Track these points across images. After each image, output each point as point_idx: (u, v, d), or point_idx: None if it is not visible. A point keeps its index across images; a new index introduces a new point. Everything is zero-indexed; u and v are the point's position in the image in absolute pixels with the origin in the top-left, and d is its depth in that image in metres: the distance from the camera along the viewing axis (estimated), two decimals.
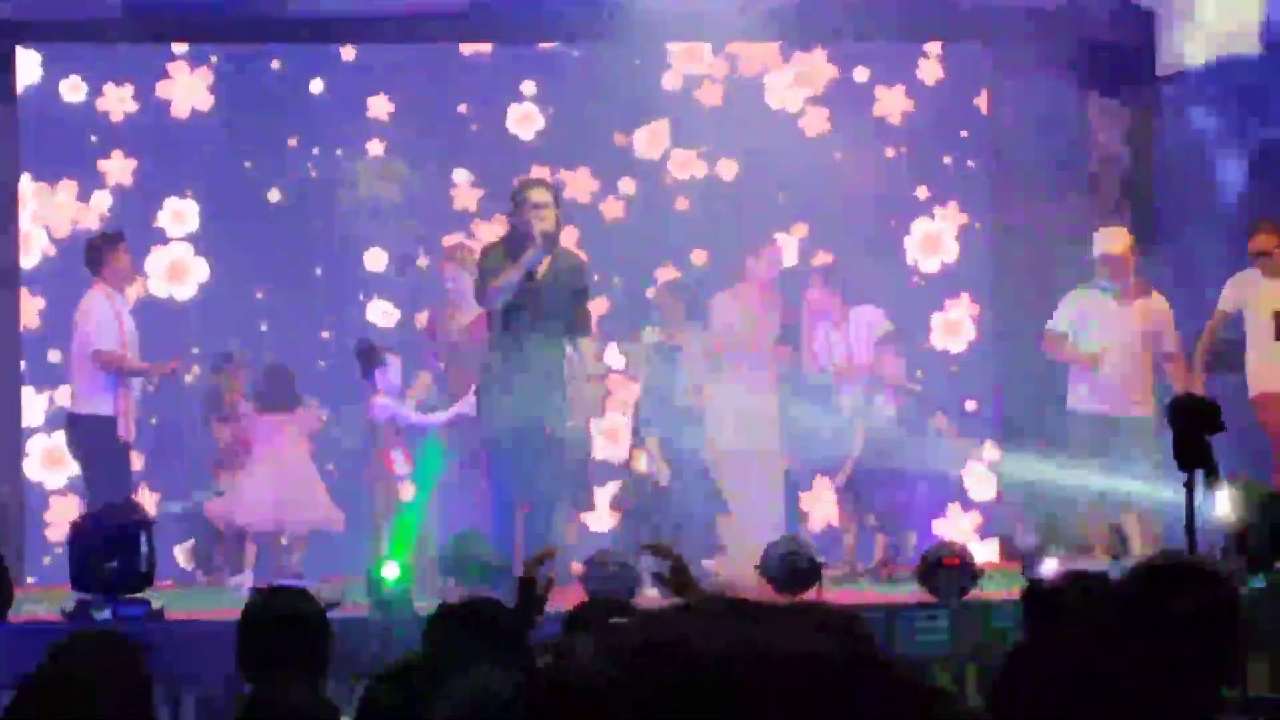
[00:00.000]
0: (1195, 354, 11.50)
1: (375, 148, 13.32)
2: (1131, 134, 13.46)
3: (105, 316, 11.23)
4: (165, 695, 8.40)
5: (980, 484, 13.47)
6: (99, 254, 11.42)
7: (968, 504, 13.40)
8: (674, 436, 11.44)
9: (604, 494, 12.18)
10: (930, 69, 13.80)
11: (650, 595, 10.20)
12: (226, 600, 10.52)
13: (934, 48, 13.76)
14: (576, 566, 10.33)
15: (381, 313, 13.29)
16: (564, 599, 10.33)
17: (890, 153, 13.67)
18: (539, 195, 10.36)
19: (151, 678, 4.82)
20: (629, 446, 11.97)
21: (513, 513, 10.38)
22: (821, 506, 12.96)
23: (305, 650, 5.09)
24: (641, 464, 11.58)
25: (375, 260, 13.35)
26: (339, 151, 13.35)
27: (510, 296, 10.19)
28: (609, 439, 12.69)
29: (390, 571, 9.51)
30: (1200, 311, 11.68)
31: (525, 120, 13.50)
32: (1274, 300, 11.35)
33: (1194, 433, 7.42)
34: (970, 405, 13.47)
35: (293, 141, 13.31)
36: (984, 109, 13.79)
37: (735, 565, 11.05)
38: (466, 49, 13.46)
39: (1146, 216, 13.11)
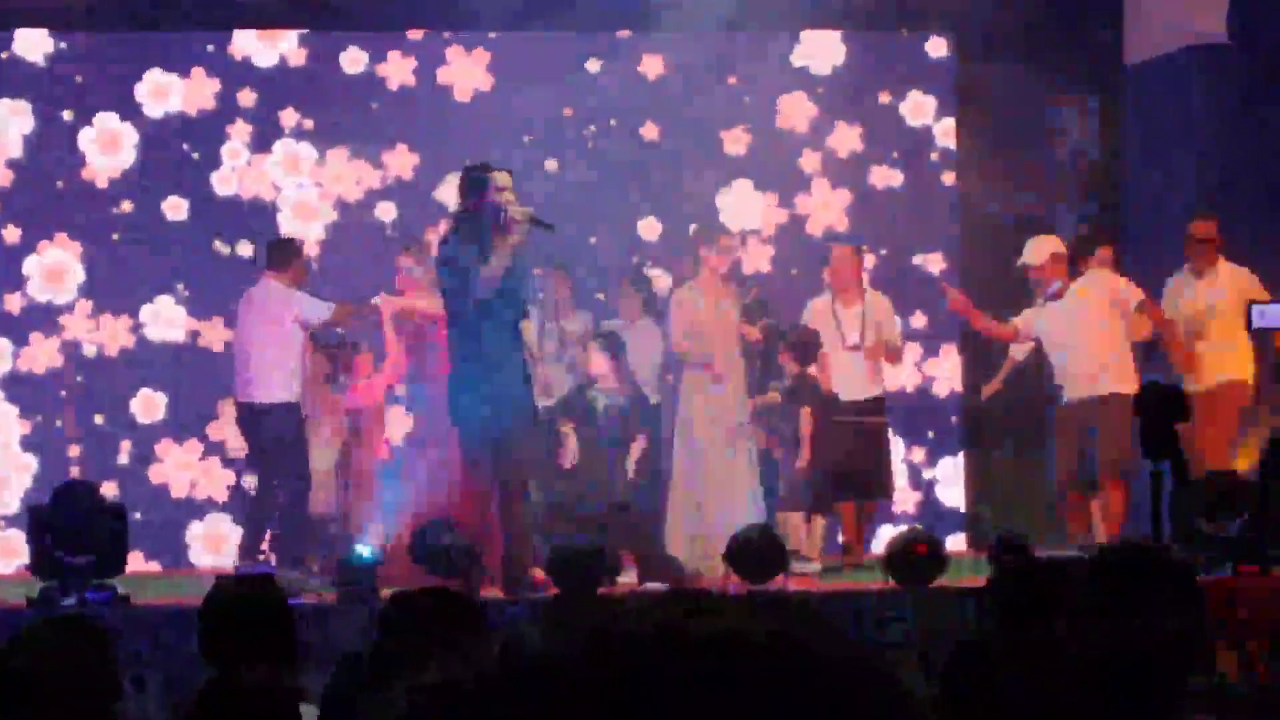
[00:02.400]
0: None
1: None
2: (1098, 124, 13.49)
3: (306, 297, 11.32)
4: (132, 681, 8.23)
5: (949, 475, 13.65)
6: (288, 254, 11.45)
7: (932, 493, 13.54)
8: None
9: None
10: (898, 55, 13.89)
11: (625, 581, 10.32)
12: (193, 587, 10.41)
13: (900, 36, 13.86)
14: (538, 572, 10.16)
15: None
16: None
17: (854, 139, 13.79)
18: (503, 179, 10.17)
19: (117, 664, 4.82)
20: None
21: (487, 499, 10.26)
22: None
23: (268, 636, 5.11)
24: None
25: None
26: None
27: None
28: None
29: (362, 555, 9.58)
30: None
31: None
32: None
33: (1163, 422, 7.67)
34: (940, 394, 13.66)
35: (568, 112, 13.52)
36: (951, 98, 13.84)
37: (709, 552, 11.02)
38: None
39: (1113, 206, 13.10)
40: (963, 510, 13.73)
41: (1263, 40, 12.33)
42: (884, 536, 11.87)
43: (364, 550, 9.66)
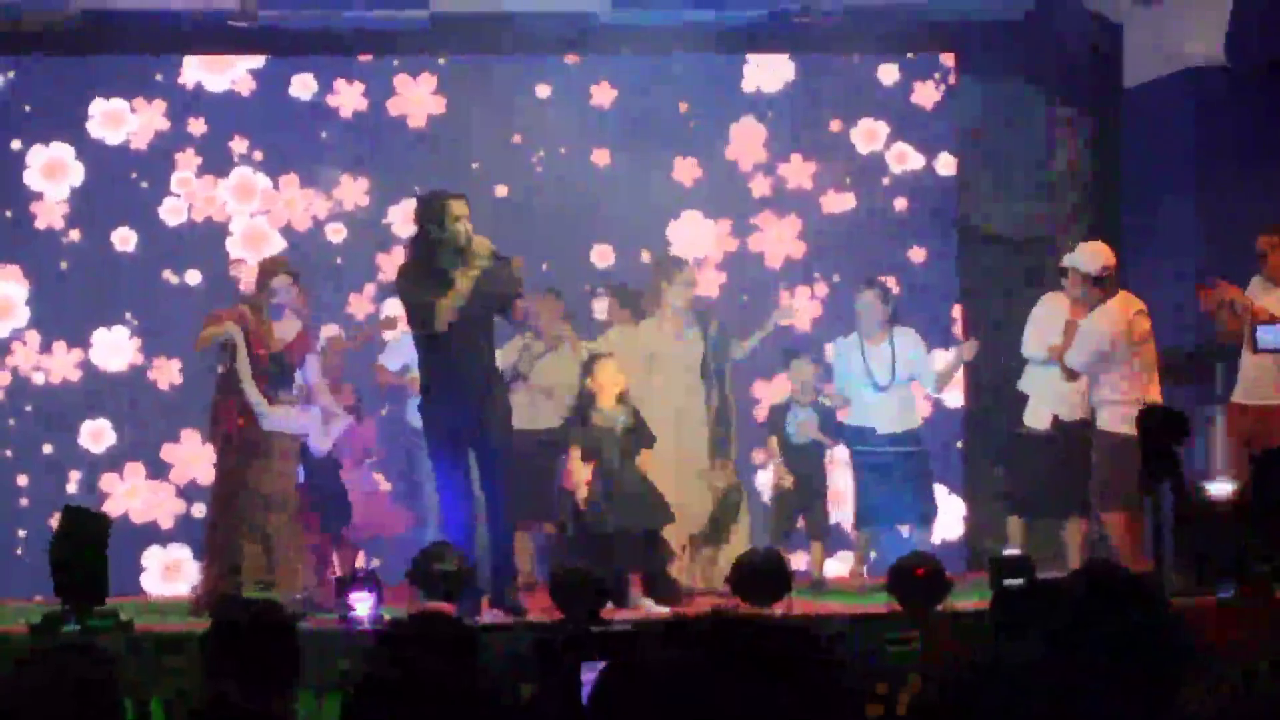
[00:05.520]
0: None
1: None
2: (1096, 143, 13.52)
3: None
4: (134, 707, 8.37)
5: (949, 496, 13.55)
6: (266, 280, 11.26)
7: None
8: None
9: None
10: (894, 77, 13.89)
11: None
12: (152, 615, 10.58)
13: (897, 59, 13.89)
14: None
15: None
16: (531, 602, 10.47)
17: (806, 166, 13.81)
18: (459, 207, 10.13)
19: (119, 689, 4.77)
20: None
21: (471, 527, 10.33)
22: None
23: (271, 660, 5.14)
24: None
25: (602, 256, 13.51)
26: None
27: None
28: None
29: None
30: (1167, 322, 11.55)
31: None
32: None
33: (1163, 444, 7.67)
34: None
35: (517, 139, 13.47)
36: (949, 117, 13.86)
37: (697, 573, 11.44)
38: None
39: (1112, 225, 13.06)
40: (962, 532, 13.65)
41: (1260, 62, 12.35)
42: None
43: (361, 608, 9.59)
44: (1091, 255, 10.98)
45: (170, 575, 13.08)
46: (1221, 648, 7.85)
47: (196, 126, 13.38)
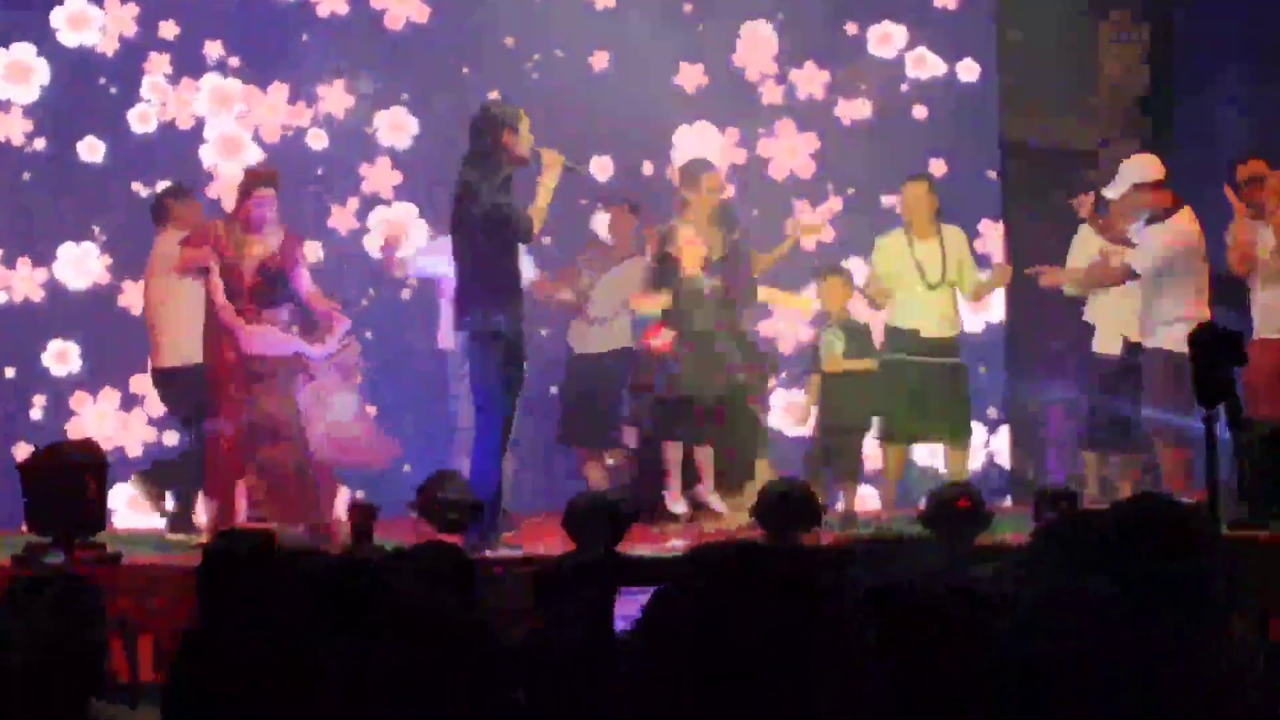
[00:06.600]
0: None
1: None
2: (1149, 54, 13.07)
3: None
4: (122, 640, 8.25)
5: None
6: (166, 208, 11.11)
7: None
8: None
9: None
10: None
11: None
12: (181, 546, 10.35)
13: None
14: None
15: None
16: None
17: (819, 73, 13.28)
18: (525, 119, 9.80)
19: (106, 622, 4.78)
20: None
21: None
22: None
23: (268, 597, 4.78)
24: None
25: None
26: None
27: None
28: None
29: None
30: (1218, 241, 11.00)
31: None
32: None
33: (1215, 365, 7.50)
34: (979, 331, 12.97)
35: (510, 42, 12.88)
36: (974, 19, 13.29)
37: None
38: None
39: (1163, 141, 12.59)
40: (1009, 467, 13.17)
41: None
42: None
43: None
44: (1146, 163, 10.74)
45: (136, 505, 12.26)
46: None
47: (168, 29, 12.69)
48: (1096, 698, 3.32)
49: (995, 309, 13.01)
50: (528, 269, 10.51)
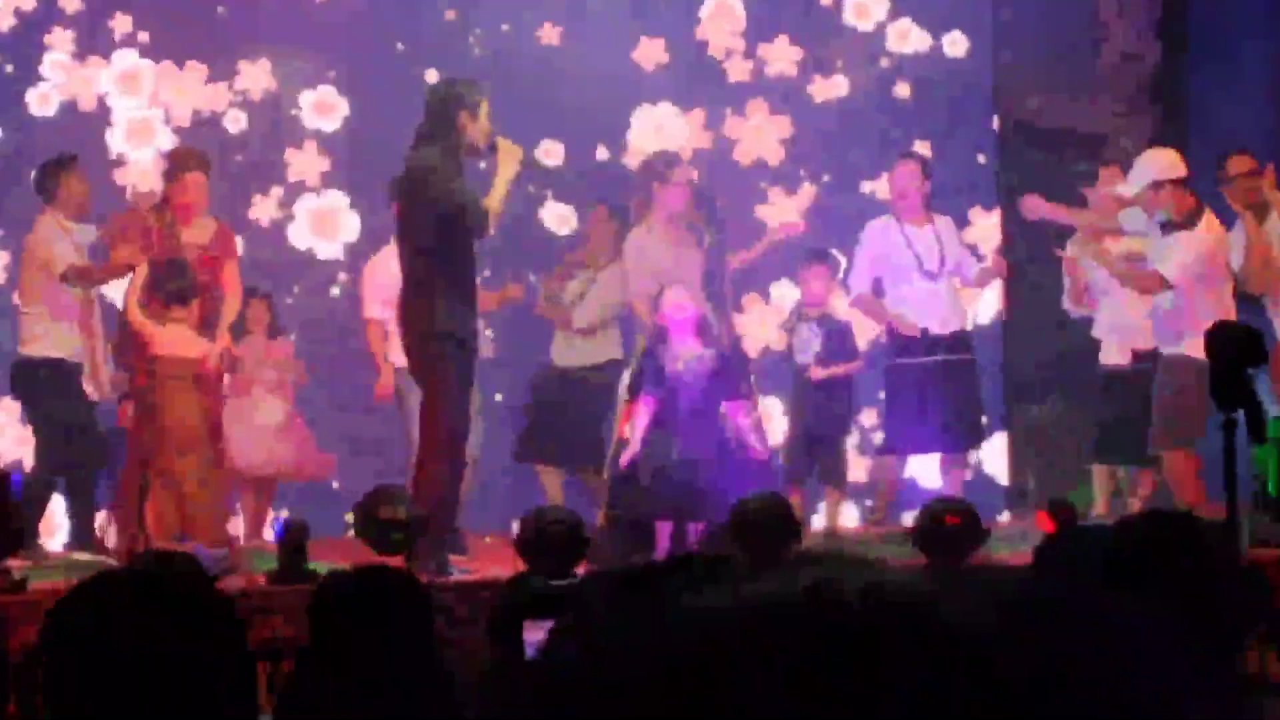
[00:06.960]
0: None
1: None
2: (1162, 24, 12.61)
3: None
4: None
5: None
6: (51, 179, 10.50)
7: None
8: None
9: None
10: None
11: None
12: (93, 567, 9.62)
13: None
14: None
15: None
16: None
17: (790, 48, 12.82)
18: (484, 102, 9.31)
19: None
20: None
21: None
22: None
23: (191, 625, 4.37)
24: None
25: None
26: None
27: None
28: None
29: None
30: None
31: None
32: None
33: (1234, 366, 7.32)
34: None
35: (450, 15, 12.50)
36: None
37: None
38: None
39: (1180, 119, 12.27)
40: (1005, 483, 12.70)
41: None
42: None
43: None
44: (1166, 159, 10.40)
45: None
46: None
47: (71, 3, 12.19)
48: None
49: (987, 309, 12.57)
50: None
